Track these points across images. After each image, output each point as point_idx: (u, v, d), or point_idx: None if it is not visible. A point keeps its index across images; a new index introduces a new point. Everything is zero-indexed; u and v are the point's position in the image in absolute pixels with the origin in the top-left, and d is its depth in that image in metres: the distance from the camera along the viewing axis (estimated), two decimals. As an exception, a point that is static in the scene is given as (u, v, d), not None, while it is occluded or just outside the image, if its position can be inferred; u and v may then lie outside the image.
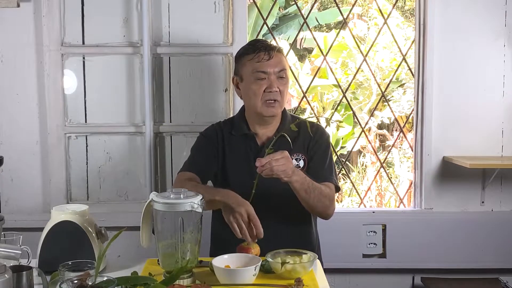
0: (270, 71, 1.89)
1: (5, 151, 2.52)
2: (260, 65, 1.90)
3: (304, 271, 1.57)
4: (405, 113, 6.19)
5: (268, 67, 1.89)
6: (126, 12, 2.56)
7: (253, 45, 1.95)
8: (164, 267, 1.54)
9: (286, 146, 1.91)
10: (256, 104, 1.92)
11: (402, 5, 7.58)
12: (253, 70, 1.91)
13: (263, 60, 1.89)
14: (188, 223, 1.50)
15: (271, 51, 1.91)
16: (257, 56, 1.90)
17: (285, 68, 1.93)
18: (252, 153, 1.95)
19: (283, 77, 1.92)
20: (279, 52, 1.93)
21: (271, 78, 1.89)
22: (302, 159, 1.96)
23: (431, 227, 2.72)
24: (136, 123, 2.61)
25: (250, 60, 1.92)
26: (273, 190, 1.88)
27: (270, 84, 1.89)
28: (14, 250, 1.44)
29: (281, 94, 1.91)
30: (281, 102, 1.93)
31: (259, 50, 1.91)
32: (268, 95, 1.89)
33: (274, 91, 1.89)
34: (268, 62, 1.90)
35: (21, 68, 2.56)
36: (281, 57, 1.94)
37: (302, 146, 1.98)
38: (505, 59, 2.67)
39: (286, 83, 1.93)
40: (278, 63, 1.91)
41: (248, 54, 1.93)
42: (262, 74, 1.90)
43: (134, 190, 2.64)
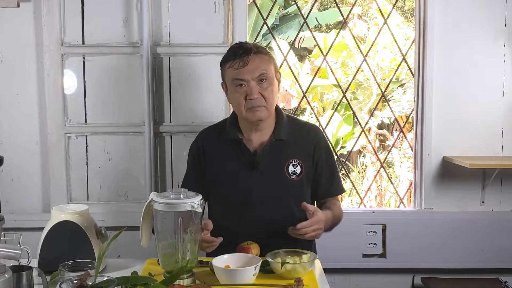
0: (248, 78, 1.81)
1: (5, 151, 2.52)
2: (237, 73, 1.82)
3: (304, 271, 1.57)
4: (405, 113, 6.20)
5: (244, 74, 1.81)
6: (126, 12, 2.56)
7: (232, 51, 1.87)
8: (164, 267, 1.54)
9: (282, 150, 1.91)
10: (241, 111, 1.87)
11: (402, 5, 7.58)
12: (232, 78, 1.85)
13: (240, 67, 1.82)
14: (188, 223, 1.50)
15: (246, 56, 1.81)
16: (234, 64, 1.83)
17: (264, 71, 1.83)
18: (245, 161, 1.91)
19: (263, 80, 1.83)
20: (257, 54, 1.83)
21: (250, 85, 1.81)
22: (299, 166, 1.91)
23: (431, 227, 2.72)
24: (136, 123, 2.61)
25: (229, 68, 1.85)
26: (270, 193, 1.89)
27: (250, 91, 1.81)
28: (14, 250, 1.44)
29: (266, 98, 1.83)
30: (268, 105, 1.85)
31: (234, 57, 1.83)
32: (250, 103, 1.82)
33: (254, 98, 1.81)
34: (245, 68, 1.81)
35: (21, 68, 2.56)
36: (261, 58, 1.84)
37: (300, 152, 1.93)
38: (505, 59, 2.67)
39: (269, 85, 1.84)
40: (256, 67, 1.82)
41: (227, 62, 1.86)
42: (239, 81, 1.83)
43: (134, 190, 2.63)
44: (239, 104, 1.85)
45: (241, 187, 1.89)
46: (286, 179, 1.90)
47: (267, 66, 1.84)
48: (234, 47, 1.90)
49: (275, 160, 1.90)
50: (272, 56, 1.90)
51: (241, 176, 1.90)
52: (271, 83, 1.85)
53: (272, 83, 1.86)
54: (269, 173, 1.90)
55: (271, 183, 1.89)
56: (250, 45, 1.87)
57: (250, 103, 1.82)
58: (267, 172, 1.90)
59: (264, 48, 1.89)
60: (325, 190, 1.98)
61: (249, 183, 1.89)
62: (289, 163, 1.91)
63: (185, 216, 1.50)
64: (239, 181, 1.90)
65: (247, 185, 1.89)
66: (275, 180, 1.90)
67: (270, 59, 1.87)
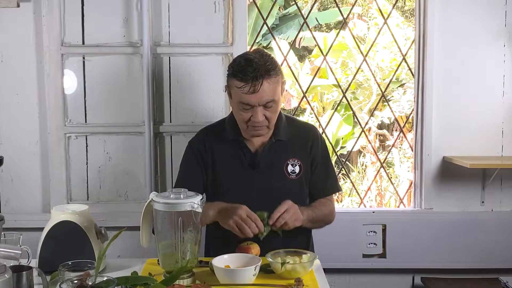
0: (255, 103, 1.77)
1: (5, 151, 2.52)
2: (245, 97, 1.77)
3: (304, 271, 1.57)
4: (405, 113, 6.19)
5: (252, 100, 1.76)
6: (126, 12, 2.56)
7: (243, 72, 1.76)
8: (164, 267, 1.54)
9: (281, 150, 1.91)
10: (242, 127, 1.87)
11: (402, 5, 7.58)
12: (239, 99, 1.79)
13: (249, 93, 1.75)
14: (188, 223, 1.50)
15: (257, 83, 1.74)
16: (244, 87, 1.76)
17: (272, 97, 1.78)
18: (246, 161, 1.91)
19: (270, 106, 1.80)
20: (268, 79, 1.75)
21: (256, 110, 1.78)
22: (298, 165, 1.92)
23: (431, 227, 2.72)
24: (136, 123, 2.61)
25: (238, 88, 1.77)
26: (270, 193, 1.88)
27: (255, 114, 1.79)
28: (14, 250, 1.44)
29: (269, 120, 1.83)
30: (270, 124, 1.85)
31: (246, 81, 1.75)
32: (253, 123, 1.81)
33: (258, 121, 1.79)
34: (254, 95, 1.75)
35: (21, 68, 2.56)
36: (271, 83, 1.77)
37: (299, 152, 1.93)
38: (505, 59, 2.67)
39: (275, 109, 1.82)
40: (266, 95, 1.76)
41: (236, 80, 1.78)
42: (246, 106, 1.79)
43: (134, 190, 2.63)
44: (242, 121, 1.85)
45: (242, 186, 1.90)
46: (285, 178, 1.91)
47: (275, 90, 1.79)
48: (243, 64, 1.78)
49: (274, 159, 1.91)
50: (281, 72, 1.84)
51: (242, 176, 1.90)
52: (277, 105, 1.83)
53: (277, 107, 1.83)
54: (269, 173, 1.90)
55: (271, 183, 1.90)
56: (260, 65, 1.76)
57: (252, 124, 1.82)
58: (267, 171, 1.90)
59: (273, 66, 1.78)
60: (318, 188, 1.98)
61: (249, 183, 1.89)
62: (288, 163, 1.91)
63: (185, 216, 1.50)
64: (239, 181, 1.90)
65: (248, 185, 1.89)
66: (275, 179, 1.90)
67: (278, 79, 1.81)
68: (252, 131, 1.85)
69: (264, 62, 1.77)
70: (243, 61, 1.79)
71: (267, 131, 1.88)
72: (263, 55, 1.81)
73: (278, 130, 1.92)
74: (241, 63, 1.79)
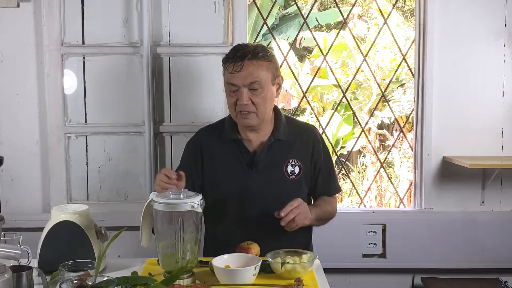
0: (239, 83, 1.80)
1: (5, 151, 2.52)
2: (231, 77, 1.81)
3: (304, 271, 1.57)
4: (405, 113, 6.20)
5: (237, 80, 1.80)
6: (126, 12, 2.56)
7: (232, 51, 1.84)
8: (164, 267, 1.54)
9: (280, 150, 1.91)
10: (232, 114, 1.89)
11: (402, 5, 7.59)
12: (226, 81, 1.85)
13: (234, 72, 1.80)
14: (188, 223, 1.50)
15: (240, 62, 1.78)
16: (229, 67, 1.81)
17: (257, 78, 1.79)
18: (244, 161, 1.91)
19: (256, 88, 1.80)
20: (252, 60, 1.79)
21: (241, 90, 1.80)
22: (298, 166, 1.92)
23: (431, 227, 2.72)
24: (136, 123, 2.61)
25: (226, 70, 1.84)
26: (269, 193, 1.89)
27: (240, 96, 1.80)
28: (14, 250, 1.44)
29: (256, 105, 1.82)
30: (259, 113, 1.83)
31: (232, 60, 1.81)
32: (240, 107, 1.82)
33: (244, 104, 1.80)
34: (239, 74, 1.79)
35: (21, 68, 2.56)
36: (256, 65, 1.80)
37: (299, 152, 1.93)
38: (505, 59, 2.67)
39: (261, 93, 1.81)
40: (249, 74, 1.79)
41: (226, 62, 1.84)
42: (232, 86, 1.82)
43: (134, 190, 2.63)
44: (231, 107, 1.87)
45: (240, 186, 1.90)
46: (285, 179, 1.90)
47: (261, 73, 1.81)
48: (235, 47, 1.88)
49: (274, 160, 1.91)
50: (272, 60, 1.86)
51: (240, 176, 1.90)
52: (264, 90, 1.82)
53: (266, 90, 1.82)
54: (268, 173, 1.90)
55: (270, 183, 1.89)
56: (249, 49, 1.83)
57: (239, 108, 1.83)
58: (266, 172, 1.90)
59: (263, 53, 1.82)
60: (322, 189, 2.00)
61: (248, 183, 1.89)
62: (288, 163, 1.91)
63: (185, 216, 1.50)
64: (238, 181, 1.90)
65: (246, 185, 1.89)
66: (274, 180, 1.90)
67: (268, 65, 1.83)
68: (241, 118, 1.85)
69: (255, 47, 1.84)
70: (237, 45, 1.90)
71: (257, 120, 1.85)
72: (259, 45, 1.89)
73: (277, 129, 1.92)
74: (234, 47, 1.88)
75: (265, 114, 1.87)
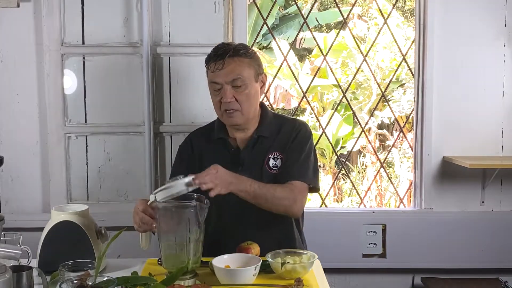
0: (221, 80, 1.80)
1: (5, 151, 2.52)
2: (213, 76, 1.82)
3: (304, 271, 1.57)
4: (405, 113, 6.20)
5: (219, 78, 1.81)
6: (126, 12, 2.56)
7: (213, 50, 1.85)
8: (168, 268, 1.54)
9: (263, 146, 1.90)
10: (218, 113, 1.89)
11: (402, 5, 7.59)
12: (210, 80, 1.86)
13: (216, 70, 1.81)
14: (193, 223, 1.51)
15: (221, 59, 1.80)
16: (211, 65, 1.83)
17: (239, 75, 1.80)
18: (229, 156, 1.90)
19: (238, 85, 1.80)
20: (233, 57, 1.80)
21: (224, 88, 1.80)
22: (280, 158, 1.88)
23: (431, 227, 2.72)
24: (136, 123, 2.61)
25: (208, 69, 1.85)
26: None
27: (224, 94, 1.81)
28: (14, 250, 1.44)
29: (240, 103, 1.81)
30: (243, 110, 1.83)
31: (214, 58, 1.82)
32: (224, 106, 1.82)
33: (227, 101, 1.80)
34: (220, 72, 1.80)
35: (21, 68, 2.56)
36: (238, 62, 1.80)
37: (280, 145, 1.90)
38: (505, 59, 2.67)
39: (244, 90, 1.81)
40: (231, 72, 1.79)
41: (207, 63, 1.86)
42: (215, 85, 1.83)
43: (134, 190, 2.63)
44: (216, 106, 1.87)
45: None
46: (267, 173, 1.87)
47: (243, 70, 1.81)
48: (216, 46, 1.88)
49: (256, 156, 1.90)
50: (254, 57, 1.86)
51: None
52: (247, 87, 1.82)
53: (249, 87, 1.82)
54: (251, 169, 1.87)
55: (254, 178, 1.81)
56: (230, 47, 1.84)
57: (224, 106, 1.83)
58: (251, 169, 1.87)
59: (244, 50, 1.84)
60: (285, 172, 1.85)
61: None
62: (269, 157, 1.89)
63: (192, 216, 1.50)
64: None
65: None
66: (257, 174, 1.85)
67: (250, 61, 1.83)
68: (227, 117, 1.85)
69: (236, 45, 1.86)
70: (218, 44, 1.89)
71: (242, 118, 1.85)
72: (240, 43, 1.90)
73: (261, 126, 1.92)
74: (216, 46, 1.88)
75: (250, 112, 1.86)
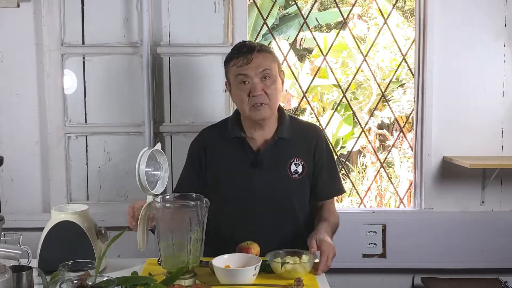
0: (251, 73, 1.82)
1: (5, 151, 2.52)
2: (241, 69, 1.84)
3: (304, 271, 1.57)
4: (405, 113, 6.19)
5: (248, 70, 1.83)
6: (126, 12, 2.56)
7: (236, 49, 1.89)
8: (167, 268, 1.54)
9: (284, 149, 1.91)
10: (244, 109, 1.87)
11: (402, 5, 7.59)
12: (235, 75, 1.86)
13: (243, 65, 1.83)
14: (194, 223, 1.51)
15: (249, 54, 1.83)
16: (237, 61, 1.84)
17: (268, 68, 1.84)
18: (248, 160, 1.90)
19: (267, 77, 1.84)
20: (260, 52, 1.85)
21: (254, 81, 1.82)
22: (301, 165, 1.91)
23: (431, 227, 2.72)
24: (136, 123, 2.61)
25: (233, 66, 1.86)
26: (273, 192, 1.88)
27: (253, 87, 1.82)
28: (14, 250, 1.44)
29: (269, 96, 1.83)
30: (271, 104, 1.85)
31: (238, 56, 1.85)
32: (253, 99, 1.82)
33: (258, 94, 1.81)
34: (249, 65, 1.83)
35: (21, 68, 2.56)
36: (264, 56, 1.85)
37: (302, 151, 1.92)
38: (505, 59, 2.67)
39: (273, 83, 1.85)
40: (260, 64, 1.83)
41: (231, 60, 1.88)
42: (243, 77, 1.83)
43: (134, 190, 2.61)
44: (242, 101, 1.85)
45: (244, 185, 1.89)
46: (288, 178, 1.90)
47: (270, 64, 1.86)
48: (237, 45, 1.92)
49: (278, 159, 1.90)
50: (276, 56, 1.92)
51: (244, 174, 1.89)
52: (274, 81, 1.85)
53: (276, 81, 1.86)
54: (272, 172, 1.89)
55: (274, 182, 1.89)
56: (254, 44, 1.89)
57: (253, 100, 1.83)
58: (270, 171, 1.89)
59: (267, 47, 1.90)
60: (323, 190, 1.96)
61: (252, 182, 1.88)
62: (291, 162, 1.90)
63: (192, 216, 1.50)
64: (242, 179, 1.89)
65: (250, 184, 1.88)
66: (277, 179, 1.89)
67: (273, 58, 1.89)
68: (254, 111, 1.84)
69: (257, 43, 1.92)
70: (238, 43, 1.96)
71: (269, 112, 1.86)
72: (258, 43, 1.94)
73: (281, 128, 1.92)
74: (236, 45, 1.94)
75: (276, 106, 1.90)
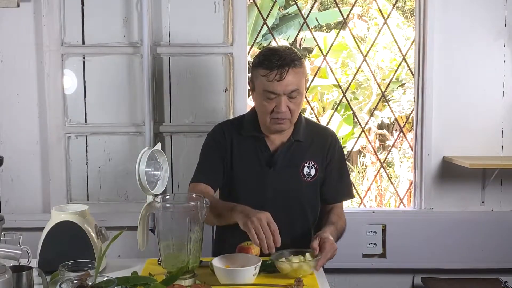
0: (280, 91, 1.77)
1: (5, 151, 2.52)
2: (271, 85, 1.77)
3: (309, 269, 1.58)
4: (405, 113, 6.19)
5: (278, 88, 1.76)
6: (126, 12, 2.56)
7: (269, 60, 1.78)
8: (167, 268, 1.54)
9: (299, 151, 1.91)
10: (264, 119, 1.84)
11: (402, 5, 7.58)
12: (263, 88, 1.79)
13: (274, 80, 1.76)
14: (194, 223, 1.50)
15: (283, 70, 1.75)
16: (269, 75, 1.76)
17: (297, 88, 1.78)
18: (264, 159, 1.90)
19: (295, 96, 1.79)
20: (294, 68, 1.77)
21: (280, 99, 1.77)
22: (314, 168, 1.91)
23: (431, 227, 2.72)
24: (136, 123, 2.61)
25: (263, 76, 1.78)
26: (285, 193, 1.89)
27: (278, 104, 1.78)
28: (14, 250, 1.44)
29: (291, 112, 1.81)
30: (293, 119, 1.84)
31: (272, 68, 1.76)
32: (276, 115, 1.80)
33: (282, 111, 1.78)
34: (279, 82, 1.76)
35: (21, 68, 2.56)
36: (296, 74, 1.78)
37: (316, 155, 1.92)
38: (505, 59, 2.67)
39: (298, 101, 1.81)
40: (291, 83, 1.76)
41: (262, 68, 1.79)
42: (271, 94, 1.78)
43: (134, 190, 2.63)
44: (265, 113, 1.83)
45: (257, 184, 1.89)
46: (301, 180, 1.90)
47: (299, 82, 1.80)
48: (269, 53, 1.81)
49: (292, 160, 1.90)
50: (305, 67, 1.85)
51: (258, 173, 1.89)
52: (300, 100, 1.82)
53: (301, 99, 1.83)
54: (285, 173, 1.89)
55: (287, 183, 1.89)
56: (288, 57, 1.78)
57: (276, 115, 1.81)
58: (284, 171, 1.89)
59: (300, 60, 1.81)
60: (332, 194, 1.97)
61: (265, 181, 1.88)
62: (304, 165, 1.90)
63: (192, 216, 1.50)
64: (255, 178, 1.89)
65: (263, 183, 1.88)
66: (290, 180, 1.89)
67: (303, 72, 1.82)
68: (274, 124, 1.83)
69: (290, 52, 1.81)
70: (269, 50, 1.84)
71: (289, 125, 1.86)
72: (289, 47, 1.86)
73: (297, 130, 1.92)
74: (267, 52, 1.83)
75: (296, 118, 1.88)
